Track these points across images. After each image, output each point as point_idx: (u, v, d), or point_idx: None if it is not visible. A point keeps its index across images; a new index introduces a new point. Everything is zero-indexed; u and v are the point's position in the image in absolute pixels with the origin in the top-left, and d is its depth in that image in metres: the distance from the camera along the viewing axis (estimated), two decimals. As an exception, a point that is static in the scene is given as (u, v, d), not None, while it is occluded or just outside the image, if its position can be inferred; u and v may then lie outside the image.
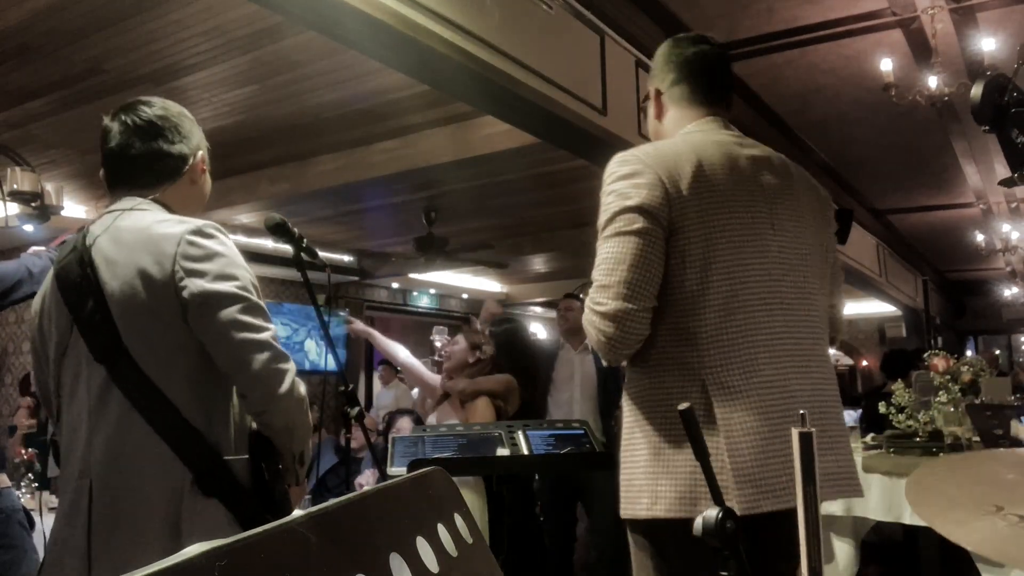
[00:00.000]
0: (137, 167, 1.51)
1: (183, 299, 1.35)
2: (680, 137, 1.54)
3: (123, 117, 1.51)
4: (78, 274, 1.41)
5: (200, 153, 1.59)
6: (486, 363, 3.11)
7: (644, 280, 1.36)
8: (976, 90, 1.13)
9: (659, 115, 1.63)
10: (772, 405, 1.36)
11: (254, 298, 1.42)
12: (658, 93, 1.62)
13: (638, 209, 1.37)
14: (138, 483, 1.33)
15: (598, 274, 1.41)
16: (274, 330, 1.43)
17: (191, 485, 1.33)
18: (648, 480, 1.37)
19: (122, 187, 1.51)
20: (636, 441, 1.42)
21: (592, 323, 1.40)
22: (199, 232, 1.41)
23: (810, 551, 0.75)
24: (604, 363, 1.55)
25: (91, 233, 1.45)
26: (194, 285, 1.36)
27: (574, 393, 4.14)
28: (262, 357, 1.37)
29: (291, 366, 1.42)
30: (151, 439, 1.33)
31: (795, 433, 0.78)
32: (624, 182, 1.41)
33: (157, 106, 1.54)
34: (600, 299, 1.39)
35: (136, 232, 1.41)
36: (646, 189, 1.38)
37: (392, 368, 8.22)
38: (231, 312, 1.37)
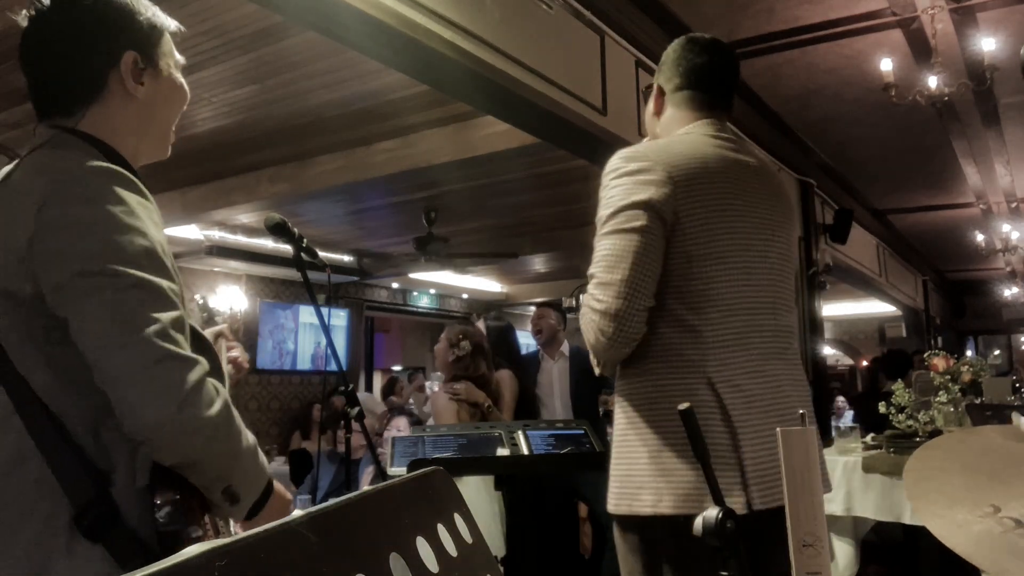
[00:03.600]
0: (43, 86, 1.17)
1: (41, 282, 1.00)
2: (678, 137, 1.54)
3: (26, 15, 1.15)
4: None
5: (129, 54, 1.15)
6: (465, 358, 3.19)
7: (644, 279, 1.36)
8: None
9: (658, 112, 1.63)
10: (772, 405, 1.40)
11: (141, 273, 1.00)
12: (660, 91, 1.62)
13: (644, 205, 1.37)
14: (2, 514, 0.99)
15: (598, 270, 1.40)
16: (167, 321, 0.99)
17: (69, 522, 0.98)
18: (650, 478, 1.36)
19: (42, 111, 1.17)
20: (632, 440, 1.41)
21: (592, 322, 1.39)
22: (75, 181, 1.02)
23: (796, 550, 0.75)
24: (597, 368, 1.50)
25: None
26: (52, 263, 0.99)
27: (555, 404, 4.21)
28: (136, 361, 0.96)
29: (192, 375, 0.99)
30: (28, 454, 1.00)
31: (779, 432, 0.78)
32: (630, 178, 1.40)
33: None
34: (601, 296, 1.38)
35: (17, 183, 1.07)
36: (654, 187, 1.38)
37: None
38: (96, 298, 0.97)
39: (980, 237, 8.33)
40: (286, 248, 1.88)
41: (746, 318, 1.41)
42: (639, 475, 1.38)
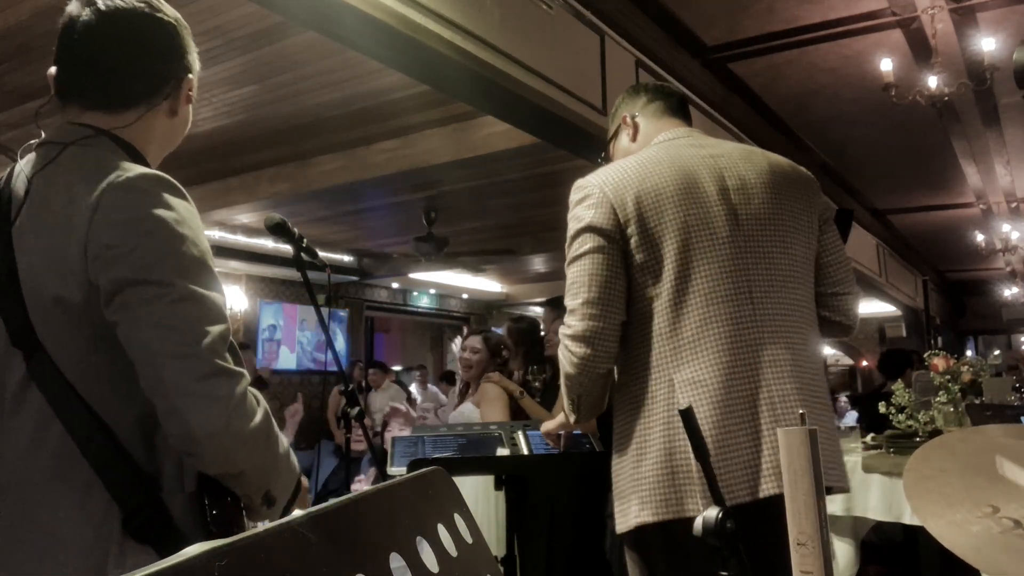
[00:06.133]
0: (105, 78, 1.12)
1: (95, 285, 0.99)
2: (645, 151, 1.59)
3: (98, 4, 1.11)
4: None
5: (191, 76, 1.19)
6: (482, 363, 3.20)
7: (607, 297, 1.42)
8: (1019, 55, 1.14)
9: (635, 136, 1.70)
10: (737, 397, 1.36)
11: (193, 285, 1.00)
12: (633, 117, 1.71)
13: (588, 228, 1.45)
14: (48, 517, 0.98)
15: (567, 300, 1.47)
16: (217, 335, 1.00)
17: (120, 527, 0.98)
18: (632, 490, 1.40)
19: (74, 101, 1.12)
20: (616, 458, 1.46)
21: (565, 347, 1.46)
22: (129, 187, 1.01)
23: (794, 550, 0.75)
24: (572, 416, 1.54)
25: (18, 172, 1.09)
26: (105, 269, 0.98)
27: None
28: (187, 374, 0.97)
29: (239, 388, 1.00)
30: (72, 460, 0.99)
31: (779, 432, 0.78)
32: (578, 207, 1.49)
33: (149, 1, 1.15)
34: (569, 322, 1.45)
35: (61, 180, 1.04)
36: (594, 209, 1.45)
37: (383, 370, 8.20)
38: (150, 309, 0.97)
39: (980, 237, 8.34)
40: (286, 248, 1.87)
41: (715, 308, 1.39)
42: (625, 490, 1.42)
